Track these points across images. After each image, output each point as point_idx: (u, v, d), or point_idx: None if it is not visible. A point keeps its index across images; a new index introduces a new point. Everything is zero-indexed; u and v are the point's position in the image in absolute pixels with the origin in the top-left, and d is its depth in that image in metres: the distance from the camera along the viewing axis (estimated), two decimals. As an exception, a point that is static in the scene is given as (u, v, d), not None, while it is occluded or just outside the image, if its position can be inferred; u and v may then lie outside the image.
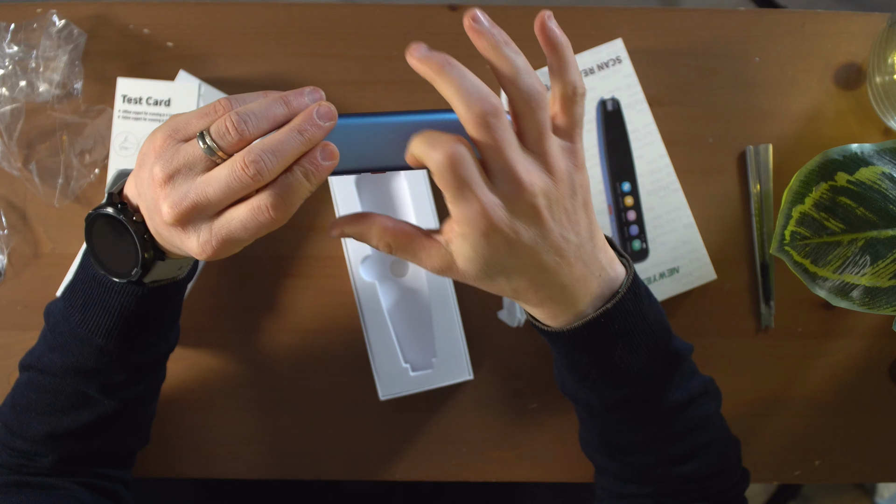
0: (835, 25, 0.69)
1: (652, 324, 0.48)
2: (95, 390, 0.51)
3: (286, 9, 0.69)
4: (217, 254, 0.42)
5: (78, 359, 0.50)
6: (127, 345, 0.50)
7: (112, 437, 0.55)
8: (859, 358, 0.69)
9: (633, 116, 0.67)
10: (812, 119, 0.69)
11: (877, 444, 0.69)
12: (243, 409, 0.68)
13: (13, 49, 0.66)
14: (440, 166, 0.39)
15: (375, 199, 0.67)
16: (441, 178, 0.40)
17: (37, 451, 0.52)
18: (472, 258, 0.42)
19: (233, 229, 0.41)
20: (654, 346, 0.48)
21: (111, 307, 0.48)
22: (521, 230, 0.41)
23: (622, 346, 0.46)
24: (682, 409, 0.50)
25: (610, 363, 0.47)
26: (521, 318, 0.65)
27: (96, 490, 0.54)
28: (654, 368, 0.48)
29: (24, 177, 0.67)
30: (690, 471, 0.51)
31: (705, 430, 0.52)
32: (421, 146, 0.41)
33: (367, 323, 0.64)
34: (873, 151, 0.61)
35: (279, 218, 0.40)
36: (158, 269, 0.47)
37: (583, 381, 0.49)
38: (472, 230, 0.41)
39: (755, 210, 0.68)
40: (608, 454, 0.53)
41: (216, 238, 0.41)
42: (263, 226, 0.41)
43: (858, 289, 0.60)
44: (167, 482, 0.81)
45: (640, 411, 0.49)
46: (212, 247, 0.41)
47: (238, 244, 0.42)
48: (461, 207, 0.40)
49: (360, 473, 0.68)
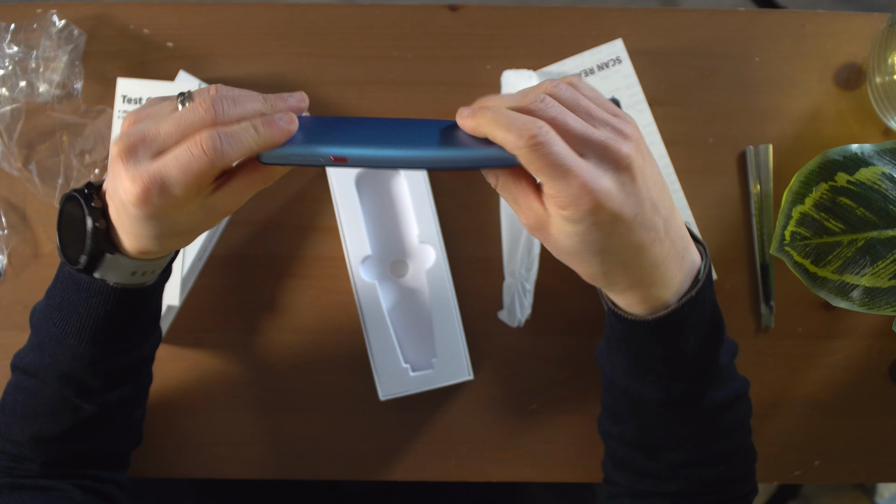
0: (835, 25, 0.69)
1: (718, 314, 0.47)
2: (73, 394, 0.51)
3: (286, 9, 0.69)
4: (145, 193, 0.39)
5: (54, 359, 0.50)
6: (97, 349, 0.49)
7: (99, 441, 0.54)
8: (859, 358, 0.69)
9: (633, 116, 0.67)
10: (812, 119, 0.69)
11: (877, 444, 0.69)
12: (243, 409, 0.68)
13: (13, 49, 0.66)
14: (528, 145, 0.37)
15: (375, 199, 0.67)
16: (532, 160, 0.38)
17: (24, 454, 0.52)
18: (571, 234, 0.40)
19: (165, 164, 0.39)
20: (720, 339, 0.48)
21: (80, 308, 0.47)
22: (623, 201, 0.39)
23: (696, 337, 0.45)
24: (729, 407, 0.50)
25: (681, 356, 0.46)
26: (521, 318, 0.65)
27: (88, 491, 0.54)
28: (718, 362, 0.48)
29: (24, 177, 0.67)
30: (720, 473, 0.51)
31: (742, 432, 0.52)
32: (496, 127, 0.39)
33: (367, 323, 0.64)
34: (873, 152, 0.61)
35: (210, 158, 0.39)
36: (109, 265, 0.45)
37: (647, 375, 0.48)
38: (575, 209, 0.39)
39: (755, 210, 0.68)
40: (640, 448, 0.52)
41: (148, 173, 0.39)
42: (193, 162, 0.39)
43: (858, 289, 0.60)
44: (167, 482, 0.81)
45: (693, 408, 0.49)
46: (141, 181, 0.39)
47: (167, 187, 0.39)
48: (561, 186, 0.38)
49: (360, 473, 0.68)
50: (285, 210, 0.68)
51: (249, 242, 0.68)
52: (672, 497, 0.52)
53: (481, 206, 0.68)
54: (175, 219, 0.42)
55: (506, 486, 0.80)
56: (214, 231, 0.66)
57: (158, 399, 0.67)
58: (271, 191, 0.68)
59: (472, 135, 0.41)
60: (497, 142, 0.39)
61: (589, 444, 0.68)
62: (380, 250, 0.66)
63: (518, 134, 0.38)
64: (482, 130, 0.40)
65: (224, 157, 0.39)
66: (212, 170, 0.39)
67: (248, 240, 0.68)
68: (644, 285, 0.44)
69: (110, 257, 0.45)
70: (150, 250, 0.45)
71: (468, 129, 0.41)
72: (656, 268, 0.43)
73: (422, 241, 0.65)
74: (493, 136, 0.39)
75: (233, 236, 0.68)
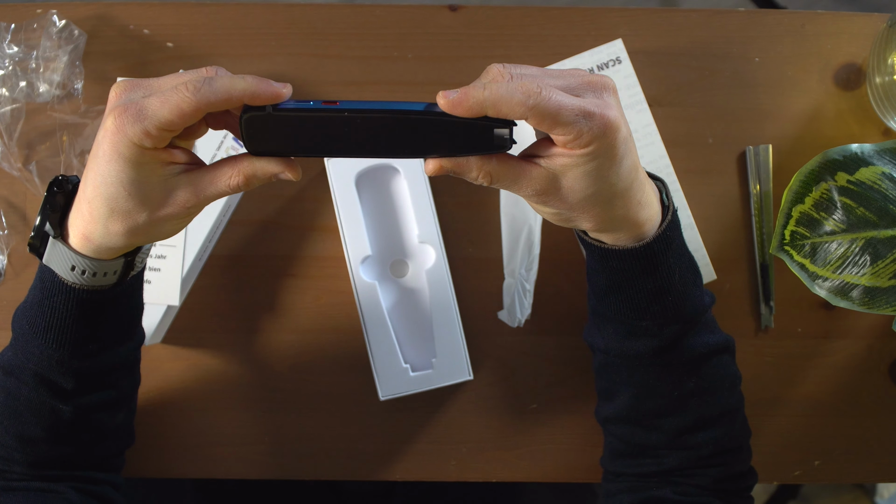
0: (835, 25, 0.69)
1: (690, 253, 0.52)
2: (48, 395, 0.50)
3: (286, 9, 0.69)
4: (120, 115, 0.40)
5: (27, 358, 0.49)
6: (62, 350, 0.48)
7: (86, 443, 0.54)
8: (859, 358, 0.69)
9: (633, 117, 0.67)
10: (812, 119, 0.69)
11: (876, 444, 0.69)
12: (243, 409, 0.68)
13: (13, 49, 0.66)
14: (537, 102, 0.39)
15: (375, 199, 0.67)
16: (537, 112, 0.40)
17: (11, 455, 0.52)
18: (589, 173, 0.43)
19: (149, 97, 0.40)
20: (697, 274, 0.52)
21: (44, 308, 0.48)
22: (627, 125, 0.43)
23: (679, 269, 0.49)
24: (719, 357, 0.52)
25: (670, 288, 0.49)
26: (521, 318, 0.65)
27: (84, 493, 0.54)
28: (703, 300, 0.51)
29: (24, 177, 0.67)
30: (717, 439, 0.52)
31: (734, 393, 0.54)
32: (496, 99, 0.40)
33: (367, 323, 0.64)
34: (873, 151, 0.61)
35: (192, 100, 0.39)
36: (53, 251, 0.46)
37: (640, 320, 0.50)
38: (601, 142, 0.41)
39: (755, 210, 0.68)
40: (637, 422, 0.53)
41: (132, 101, 0.40)
42: (175, 95, 0.39)
43: (858, 289, 0.60)
44: (167, 482, 0.81)
45: (684, 356, 0.51)
46: (122, 107, 0.40)
47: (143, 114, 0.40)
48: (585, 125, 0.40)
49: (360, 473, 0.68)
50: (285, 210, 0.68)
51: (249, 242, 0.68)
52: (670, 476, 0.53)
53: (481, 206, 0.68)
54: (137, 176, 0.41)
55: (506, 486, 0.80)
56: (214, 231, 0.66)
57: (158, 399, 0.67)
58: (271, 191, 0.68)
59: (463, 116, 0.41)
60: (500, 114, 0.40)
61: (589, 444, 0.68)
62: (380, 250, 0.66)
63: (524, 95, 0.39)
64: (481, 107, 0.40)
65: (203, 103, 0.39)
66: (192, 110, 0.39)
67: (248, 240, 0.68)
68: (634, 218, 0.47)
69: (52, 241, 0.46)
70: (94, 234, 0.44)
71: (462, 111, 0.41)
72: (643, 193, 0.46)
73: (422, 241, 0.65)
74: (497, 108, 0.40)
75: (233, 236, 0.68)
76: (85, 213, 0.44)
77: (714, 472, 0.53)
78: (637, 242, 0.48)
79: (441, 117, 0.41)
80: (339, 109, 0.41)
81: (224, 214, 0.67)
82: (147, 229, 0.44)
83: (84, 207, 0.44)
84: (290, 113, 0.41)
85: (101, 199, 0.42)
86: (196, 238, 0.64)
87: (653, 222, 0.48)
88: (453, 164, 0.43)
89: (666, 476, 0.53)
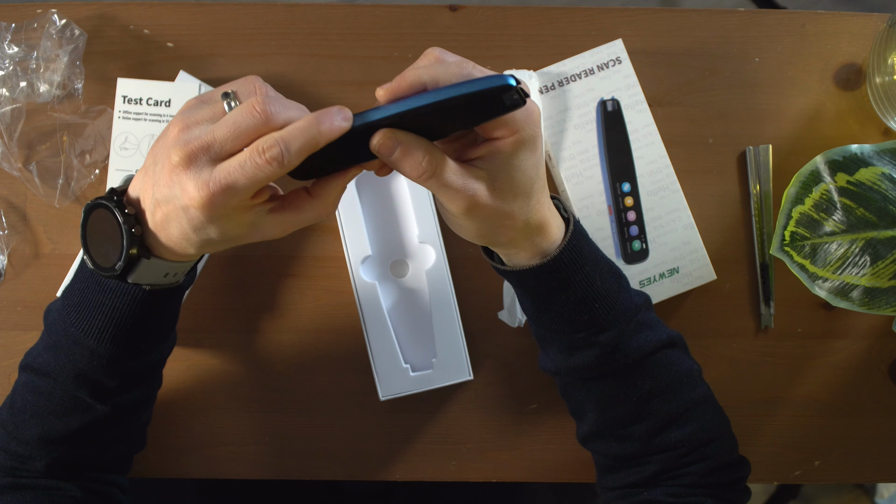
0: (835, 25, 0.69)
1: (610, 261, 0.53)
2: (87, 394, 0.51)
3: (286, 9, 0.69)
4: (211, 198, 0.41)
5: (70, 359, 0.50)
6: (118, 349, 0.50)
7: (105, 444, 0.55)
8: (859, 358, 0.69)
9: (633, 117, 0.67)
10: (812, 119, 0.69)
11: (877, 444, 0.69)
12: (243, 409, 0.68)
13: (13, 49, 0.66)
14: (461, 70, 0.42)
15: (375, 199, 0.67)
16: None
17: (30, 454, 0.52)
18: (524, 160, 0.45)
19: (231, 170, 0.41)
20: (620, 278, 0.53)
21: (104, 308, 0.48)
22: None
23: (601, 274, 0.51)
24: (663, 350, 0.52)
25: (593, 294, 0.50)
26: (522, 318, 0.65)
27: (90, 492, 0.54)
28: (633, 300, 0.52)
29: (24, 177, 0.67)
30: (690, 433, 0.52)
31: (695, 387, 0.54)
32: (444, 78, 0.42)
33: (367, 323, 0.64)
34: (873, 152, 0.61)
35: (276, 162, 0.40)
36: (144, 269, 0.46)
37: (575, 332, 0.51)
38: (527, 124, 0.44)
39: (755, 210, 0.68)
40: (611, 435, 0.54)
41: (214, 180, 0.41)
42: (259, 171, 0.40)
43: (858, 289, 0.61)
44: (167, 482, 0.81)
45: (628, 358, 0.52)
46: (208, 188, 0.41)
47: (234, 192, 0.41)
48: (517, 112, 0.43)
49: (360, 473, 0.68)
50: (285, 210, 0.68)
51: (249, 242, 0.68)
52: (658, 481, 0.53)
53: (481, 206, 0.68)
54: (228, 226, 0.44)
55: (506, 486, 0.80)
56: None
57: (159, 399, 0.67)
58: (271, 191, 0.68)
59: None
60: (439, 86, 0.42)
61: (589, 444, 0.68)
62: (380, 250, 0.66)
63: (459, 70, 0.42)
64: (418, 80, 0.42)
65: (288, 161, 0.41)
66: (276, 176, 0.41)
67: (249, 240, 0.68)
68: (547, 223, 0.49)
69: (146, 262, 0.46)
70: (187, 253, 0.46)
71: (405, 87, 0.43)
72: (547, 196, 0.49)
73: (422, 241, 0.65)
74: (435, 81, 0.42)
75: (233, 236, 0.68)
76: (173, 243, 0.45)
77: (699, 468, 0.53)
78: (544, 259, 0.49)
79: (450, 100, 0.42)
80: (361, 122, 0.43)
81: (224, 214, 0.67)
82: (239, 244, 0.47)
83: (172, 241, 0.45)
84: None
85: (192, 241, 0.44)
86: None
87: (557, 234, 0.50)
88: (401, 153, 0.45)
89: (654, 481, 0.53)
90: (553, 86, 0.67)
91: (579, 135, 0.66)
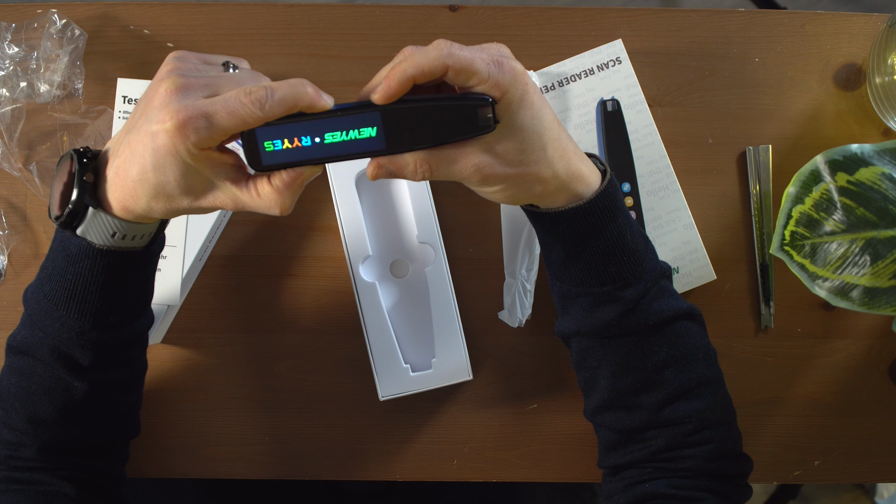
0: (835, 26, 0.69)
1: (635, 222, 0.54)
2: (64, 371, 0.51)
3: (286, 9, 0.69)
4: (188, 120, 0.42)
5: (44, 332, 0.50)
6: (84, 320, 0.50)
7: (94, 426, 0.54)
8: (859, 358, 0.69)
9: (632, 117, 0.67)
10: (812, 119, 0.69)
11: (876, 444, 0.69)
12: (243, 409, 0.68)
13: (14, 49, 0.66)
14: (442, 52, 0.43)
15: (375, 199, 0.67)
16: (453, 61, 0.43)
17: (21, 440, 0.52)
18: (515, 128, 0.46)
19: (213, 101, 0.42)
20: (649, 242, 0.54)
21: (68, 274, 0.48)
22: (535, 84, 0.46)
23: (630, 229, 0.52)
24: (682, 319, 0.53)
25: (624, 245, 0.51)
26: (522, 318, 0.65)
27: (83, 485, 0.54)
28: (660, 264, 0.53)
29: (24, 177, 0.67)
30: (699, 409, 0.52)
31: (711, 366, 0.54)
32: (412, 62, 0.43)
33: (367, 323, 0.64)
34: (873, 152, 0.61)
35: (258, 103, 0.42)
36: (91, 222, 0.47)
37: (601, 285, 0.52)
38: (514, 86, 0.44)
39: (755, 210, 0.68)
40: (620, 405, 0.54)
41: (196, 105, 0.42)
42: (241, 108, 0.42)
43: (858, 289, 0.61)
44: (167, 482, 0.81)
45: (649, 318, 0.52)
46: (186, 111, 0.42)
47: (209, 123, 0.42)
48: (497, 73, 0.44)
49: (360, 473, 0.68)
50: (285, 210, 0.68)
51: (249, 242, 0.68)
52: (661, 458, 0.53)
53: (481, 206, 0.68)
54: (188, 171, 0.44)
55: (506, 485, 0.80)
56: (215, 231, 0.66)
57: (159, 399, 0.67)
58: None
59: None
60: (424, 74, 0.43)
61: (589, 445, 0.68)
62: (380, 250, 0.66)
63: (438, 51, 0.43)
64: (406, 75, 0.43)
65: (266, 110, 0.42)
66: (255, 123, 0.43)
67: (248, 240, 0.68)
68: (577, 171, 0.50)
69: (93, 212, 0.46)
70: (138, 206, 0.46)
71: (395, 85, 0.44)
72: (576, 147, 0.50)
73: (422, 241, 0.65)
74: (419, 69, 0.43)
75: (233, 236, 0.68)
76: (127, 190, 0.45)
77: (703, 451, 0.53)
78: (580, 201, 0.50)
79: (427, 102, 0.44)
80: (327, 114, 0.44)
81: (224, 214, 0.67)
82: (187, 210, 0.47)
83: (127, 185, 0.45)
84: (283, 124, 0.44)
85: (148, 183, 0.45)
86: (196, 238, 0.64)
87: (594, 180, 0.51)
88: (389, 162, 0.46)
89: (656, 458, 0.53)
90: (553, 86, 0.67)
91: (579, 135, 0.67)
